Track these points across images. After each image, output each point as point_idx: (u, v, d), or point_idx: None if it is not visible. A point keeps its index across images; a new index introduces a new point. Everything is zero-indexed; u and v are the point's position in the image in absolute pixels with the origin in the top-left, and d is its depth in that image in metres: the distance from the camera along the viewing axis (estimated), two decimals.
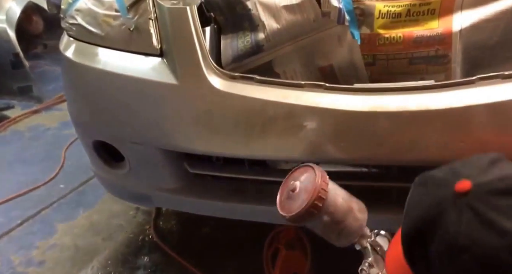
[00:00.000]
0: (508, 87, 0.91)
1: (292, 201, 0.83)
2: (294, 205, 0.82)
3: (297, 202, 0.81)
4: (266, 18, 1.16)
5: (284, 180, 0.88)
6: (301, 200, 0.81)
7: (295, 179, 0.85)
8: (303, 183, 0.83)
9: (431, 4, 1.07)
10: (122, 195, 1.40)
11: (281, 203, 0.86)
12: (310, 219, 0.81)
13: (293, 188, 0.83)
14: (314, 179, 0.81)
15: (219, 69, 1.09)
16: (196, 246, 1.69)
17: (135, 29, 1.13)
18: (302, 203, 0.80)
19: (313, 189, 0.80)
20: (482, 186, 0.56)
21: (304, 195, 0.81)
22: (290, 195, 0.84)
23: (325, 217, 0.81)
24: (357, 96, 1.02)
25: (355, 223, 0.84)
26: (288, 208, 0.83)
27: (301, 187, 0.83)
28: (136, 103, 1.12)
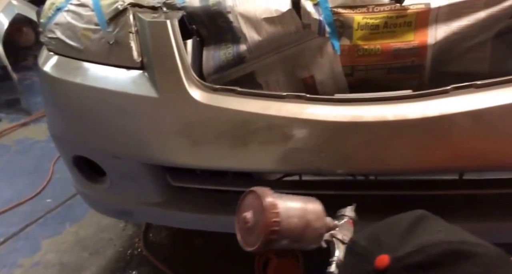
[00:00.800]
0: (480, 97, 0.92)
1: (250, 233, 0.81)
2: (252, 238, 0.80)
3: (254, 235, 0.80)
4: (247, 30, 1.16)
5: (236, 209, 0.86)
6: (256, 233, 0.79)
7: (246, 209, 0.83)
8: (254, 214, 0.80)
9: (407, 16, 1.08)
10: (104, 210, 1.37)
11: (242, 237, 0.83)
12: (271, 246, 0.80)
13: (246, 221, 0.81)
14: (262, 209, 0.78)
15: (200, 81, 1.09)
16: (187, 257, 1.66)
17: (115, 42, 1.12)
18: (258, 236, 0.78)
19: (264, 223, 0.77)
20: (399, 261, 0.51)
21: (258, 227, 0.79)
22: (246, 228, 0.81)
23: (283, 241, 0.80)
24: (338, 107, 1.02)
25: (315, 233, 0.82)
26: (249, 240, 0.81)
27: (253, 219, 0.80)
28: (117, 117, 1.11)
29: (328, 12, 1.14)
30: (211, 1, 1.17)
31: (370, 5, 1.12)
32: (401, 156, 0.97)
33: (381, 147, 0.98)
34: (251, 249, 0.81)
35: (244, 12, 1.15)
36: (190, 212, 1.20)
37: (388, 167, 0.99)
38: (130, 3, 1.13)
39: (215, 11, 1.16)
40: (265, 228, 0.77)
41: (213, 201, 1.21)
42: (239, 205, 0.86)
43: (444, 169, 1.01)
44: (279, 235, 0.78)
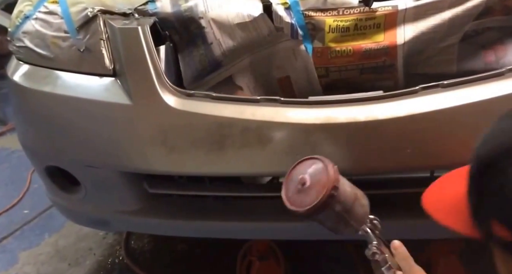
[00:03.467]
0: (447, 96, 0.93)
1: (304, 194, 0.80)
2: (306, 198, 0.79)
3: (310, 195, 0.79)
4: (221, 36, 1.16)
5: (287, 175, 0.85)
6: (315, 192, 0.78)
7: (302, 173, 0.82)
8: (313, 175, 0.81)
9: (376, 18, 1.10)
10: (80, 221, 1.34)
11: (290, 199, 0.82)
12: (324, 210, 0.78)
13: (303, 182, 0.80)
14: (325, 169, 0.80)
15: (174, 87, 1.08)
16: (170, 264, 1.64)
17: (86, 50, 1.10)
18: (317, 194, 0.77)
19: (328, 179, 0.78)
20: None
21: (317, 186, 0.78)
22: (300, 189, 0.80)
23: (337, 206, 0.79)
24: (311, 109, 1.02)
25: (361, 209, 0.83)
26: (300, 202, 0.80)
27: (311, 180, 0.80)
28: (89, 126, 1.09)
29: (299, 15, 1.15)
30: (183, 7, 1.17)
31: (340, 8, 1.14)
32: (374, 155, 0.99)
33: (354, 147, 0.99)
34: (303, 209, 0.78)
35: (216, 18, 1.15)
36: (169, 218, 1.18)
37: (361, 167, 1.01)
38: (100, 9, 1.11)
39: (188, 17, 1.16)
40: (328, 184, 0.77)
41: (191, 207, 1.20)
42: (291, 169, 0.85)
43: (415, 167, 1.03)
44: (337, 198, 0.78)
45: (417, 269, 0.76)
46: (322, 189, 0.77)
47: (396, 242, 0.80)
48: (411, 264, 0.77)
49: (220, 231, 1.21)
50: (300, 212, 0.79)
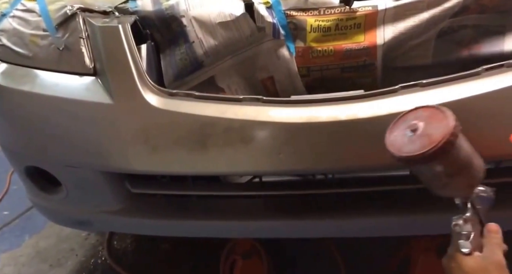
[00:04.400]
0: (426, 95, 0.95)
1: (413, 141, 0.74)
2: (410, 146, 0.74)
3: (415, 144, 0.73)
4: (202, 35, 1.15)
5: (398, 119, 0.80)
6: (421, 142, 0.72)
7: (416, 119, 0.77)
8: (429, 124, 0.75)
9: (357, 18, 1.11)
10: (61, 221, 1.32)
11: (394, 143, 0.77)
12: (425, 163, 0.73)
13: (415, 128, 0.75)
14: (444, 119, 0.74)
15: (156, 86, 1.07)
16: (154, 264, 1.62)
17: (65, 48, 1.08)
18: (424, 145, 0.72)
19: (442, 133, 0.71)
20: None
21: (427, 137, 0.72)
22: (408, 135, 0.75)
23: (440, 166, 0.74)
24: (293, 108, 1.03)
25: (480, 165, 0.77)
26: (401, 147, 0.75)
27: (424, 128, 0.74)
28: (69, 125, 1.07)
29: (281, 15, 1.15)
30: (165, 5, 1.16)
31: (321, 8, 1.15)
32: (355, 154, 1.00)
33: (336, 146, 1.00)
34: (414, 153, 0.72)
35: (198, 16, 1.14)
36: (151, 218, 1.17)
37: (343, 165, 1.01)
38: (80, 7, 1.10)
39: (169, 16, 1.15)
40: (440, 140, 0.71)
41: (174, 206, 1.19)
42: (403, 115, 0.81)
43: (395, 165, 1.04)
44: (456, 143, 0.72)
45: (499, 260, 0.72)
46: (429, 144, 0.71)
47: (493, 225, 0.77)
48: (497, 253, 0.73)
49: (203, 230, 1.21)
50: (407, 156, 0.73)
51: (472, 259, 0.71)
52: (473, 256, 0.72)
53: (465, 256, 0.72)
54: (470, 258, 0.71)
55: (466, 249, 0.73)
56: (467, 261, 0.71)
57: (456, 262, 0.72)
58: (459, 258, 0.72)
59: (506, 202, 1.07)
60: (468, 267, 0.71)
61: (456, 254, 0.73)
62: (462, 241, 0.74)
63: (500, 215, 0.82)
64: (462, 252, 0.72)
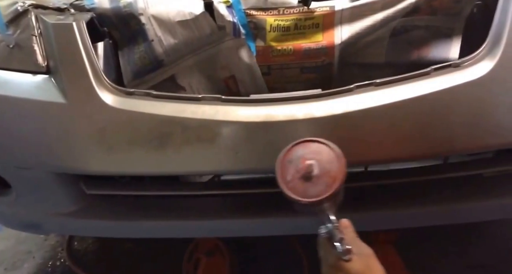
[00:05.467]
0: (380, 94, 0.97)
1: (310, 183, 0.75)
2: (314, 188, 0.75)
3: (317, 186, 0.74)
4: (162, 33, 1.14)
5: (283, 155, 0.79)
6: (324, 183, 0.74)
7: (307, 157, 0.77)
8: (319, 162, 0.76)
9: (315, 18, 1.12)
10: (11, 224, 1.26)
11: (289, 184, 0.77)
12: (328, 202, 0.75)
13: (310, 170, 0.76)
14: (335, 158, 0.76)
15: (113, 85, 1.04)
16: (116, 265, 1.58)
17: (16, 46, 1.04)
18: (327, 186, 0.74)
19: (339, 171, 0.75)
20: None
21: (326, 177, 0.74)
22: (306, 177, 0.76)
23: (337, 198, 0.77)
24: (252, 107, 1.03)
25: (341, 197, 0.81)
26: (305, 191, 0.75)
27: (319, 168, 0.76)
28: (20, 125, 1.02)
29: (241, 14, 1.15)
30: (122, 3, 1.13)
31: (280, 8, 1.16)
32: None
33: None
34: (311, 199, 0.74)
35: (157, 15, 1.13)
36: (108, 219, 1.15)
37: None
38: (32, 4, 1.06)
39: (127, 13, 1.13)
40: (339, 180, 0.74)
41: (132, 207, 1.17)
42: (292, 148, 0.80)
43: (350, 163, 1.06)
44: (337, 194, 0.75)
45: (368, 251, 0.77)
46: (333, 182, 0.74)
47: (345, 220, 0.80)
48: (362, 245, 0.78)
49: (163, 231, 1.19)
50: (304, 201, 0.75)
51: (354, 262, 0.73)
52: (354, 259, 0.74)
53: (348, 262, 0.73)
54: (353, 262, 0.73)
55: (347, 256, 0.74)
56: (352, 265, 0.73)
57: (341, 271, 0.74)
58: (343, 266, 0.73)
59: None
60: (354, 270, 0.73)
61: (339, 264, 0.74)
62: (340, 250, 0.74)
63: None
64: (344, 260, 0.74)
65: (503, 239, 1.54)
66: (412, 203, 1.14)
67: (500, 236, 1.55)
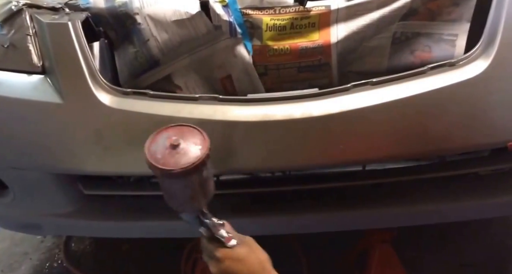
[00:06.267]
0: (376, 93, 0.97)
1: (174, 156, 0.79)
2: (178, 160, 0.78)
3: (183, 158, 0.78)
4: (158, 33, 1.13)
5: (155, 135, 0.83)
6: (188, 156, 0.78)
7: (176, 136, 0.82)
8: (186, 140, 0.81)
9: (311, 18, 1.12)
10: (9, 226, 1.25)
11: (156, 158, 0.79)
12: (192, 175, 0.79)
13: (176, 144, 0.79)
14: (200, 137, 0.81)
15: (109, 85, 1.03)
16: (114, 266, 1.57)
17: (11, 45, 1.02)
18: (192, 158, 0.78)
19: (205, 146, 0.79)
20: None
21: (190, 150, 0.79)
22: (169, 150, 0.80)
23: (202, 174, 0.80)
24: (249, 106, 1.02)
25: (211, 189, 0.85)
26: (167, 162, 0.78)
27: (184, 143, 0.80)
28: (16, 126, 1.01)
29: (238, 13, 1.14)
30: (117, 2, 1.12)
31: (276, 7, 1.15)
32: (309, 151, 1.00)
33: (291, 143, 1.00)
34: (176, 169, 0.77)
35: (152, 14, 1.12)
36: (106, 220, 1.14)
37: (298, 163, 1.02)
38: (26, 3, 1.05)
39: (122, 13, 1.11)
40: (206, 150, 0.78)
41: (131, 207, 1.16)
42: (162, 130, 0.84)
43: (348, 162, 1.06)
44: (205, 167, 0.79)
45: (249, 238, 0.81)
46: (199, 154, 0.78)
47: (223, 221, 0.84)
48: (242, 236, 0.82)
49: (161, 231, 1.18)
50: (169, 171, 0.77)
51: (238, 247, 0.78)
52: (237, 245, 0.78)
53: (233, 248, 0.78)
54: (237, 247, 0.78)
55: (234, 241, 0.79)
56: (238, 250, 0.77)
57: (230, 259, 0.77)
58: (230, 253, 0.77)
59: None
60: (241, 254, 0.76)
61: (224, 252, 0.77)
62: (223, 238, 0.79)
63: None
64: (231, 246, 0.78)
65: (496, 237, 1.55)
66: (407, 202, 1.14)
67: (492, 234, 1.56)
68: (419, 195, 1.15)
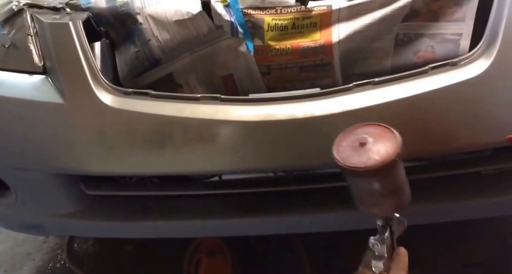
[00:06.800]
0: (378, 92, 0.97)
1: (356, 153, 0.75)
2: (356, 158, 0.74)
3: (361, 157, 0.74)
4: (159, 32, 1.12)
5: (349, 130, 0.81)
6: (367, 157, 0.74)
7: (366, 134, 0.78)
8: (377, 141, 0.76)
9: (312, 18, 1.11)
10: (11, 226, 1.24)
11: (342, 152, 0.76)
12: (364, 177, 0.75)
13: (364, 142, 0.76)
14: (393, 144, 0.75)
15: (111, 85, 1.02)
16: (117, 266, 1.56)
17: (12, 45, 1.01)
18: (369, 160, 0.73)
19: (388, 152, 0.73)
20: None
21: (374, 154, 0.74)
22: (356, 146, 0.76)
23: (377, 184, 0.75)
24: (251, 106, 1.01)
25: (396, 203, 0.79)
26: (347, 158, 0.75)
27: (373, 144, 0.76)
28: (18, 127, 1.00)
29: (239, 13, 1.13)
30: (119, 2, 1.11)
31: (278, 7, 1.14)
32: (312, 150, 0.99)
33: (293, 143, 0.99)
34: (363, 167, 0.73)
35: (154, 14, 1.11)
36: (109, 220, 1.13)
37: (301, 162, 1.01)
38: (27, 3, 1.03)
39: (123, 13, 1.10)
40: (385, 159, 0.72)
41: (133, 207, 1.15)
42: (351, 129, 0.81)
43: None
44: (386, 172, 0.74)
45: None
46: (377, 158, 0.73)
47: (402, 249, 0.79)
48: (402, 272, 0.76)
49: (164, 231, 1.17)
50: (340, 164, 0.74)
51: None
52: None
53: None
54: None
55: (378, 269, 0.74)
56: None
57: None
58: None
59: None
60: None
61: (365, 271, 0.75)
62: (375, 261, 0.75)
63: None
64: (373, 271, 0.74)
65: (500, 237, 1.54)
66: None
67: (497, 233, 1.55)
68: (420, 194, 1.14)
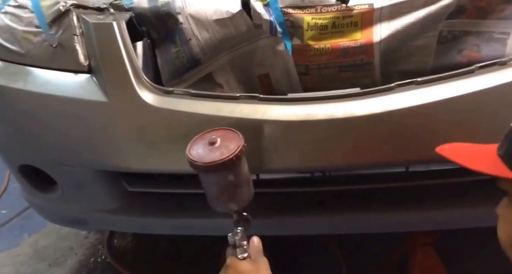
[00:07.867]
0: (421, 92, 0.92)
1: (209, 152, 0.83)
2: (211, 155, 0.82)
3: (215, 153, 0.82)
4: (199, 32, 1.11)
5: (197, 138, 0.88)
6: (220, 152, 0.82)
7: (215, 135, 0.86)
8: (224, 140, 0.85)
9: (353, 17, 1.06)
10: (57, 220, 1.27)
11: (194, 152, 0.84)
12: (222, 171, 0.82)
13: (213, 141, 0.84)
14: (237, 139, 0.85)
15: (152, 84, 1.02)
16: (154, 262, 1.57)
17: (58, 45, 1.02)
18: (223, 154, 0.81)
19: (237, 145, 0.83)
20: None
21: (225, 149, 0.83)
22: (207, 147, 0.85)
23: (233, 174, 0.83)
24: (290, 106, 0.98)
25: (247, 193, 0.88)
26: (203, 157, 0.82)
27: (221, 142, 0.84)
28: (64, 124, 1.01)
29: (278, 12, 1.11)
30: (160, 2, 1.10)
31: (318, 6, 1.10)
32: (351, 151, 0.96)
33: (332, 143, 0.96)
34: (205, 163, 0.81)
35: (194, 14, 1.09)
36: (148, 216, 1.13)
37: (340, 163, 0.98)
38: (73, 4, 1.04)
39: (165, 13, 1.10)
40: (237, 149, 0.81)
41: (171, 204, 1.14)
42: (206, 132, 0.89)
43: (391, 163, 1.00)
44: (237, 167, 0.82)
45: (263, 259, 0.85)
46: (230, 151, 0.81)
47: (256, 237, 0.88)
48: (261, 256, 0.86)
49: (201, 228, 1.16)
50: (199, 164, 0.81)
51: (246, 262, 0.83)
52: (247, 260, 0.84)
53: (240, 261, 0.83)
54: (245, 261, 0.83)
55: (242, 255, 0.84)
56: (243, 264, 0.83)
57: (233, 267, 0.83)
58: (235, 263, 0.83)
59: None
60: (243, 268, 0.82)
61: (232, 261, 0.84)
62: (238, 249, 0.85)
63: None
64: (239, 258, 0.84)
65: None
66: (447, 205, 1.08)
67: None
68: (462, 198, 1.08)
